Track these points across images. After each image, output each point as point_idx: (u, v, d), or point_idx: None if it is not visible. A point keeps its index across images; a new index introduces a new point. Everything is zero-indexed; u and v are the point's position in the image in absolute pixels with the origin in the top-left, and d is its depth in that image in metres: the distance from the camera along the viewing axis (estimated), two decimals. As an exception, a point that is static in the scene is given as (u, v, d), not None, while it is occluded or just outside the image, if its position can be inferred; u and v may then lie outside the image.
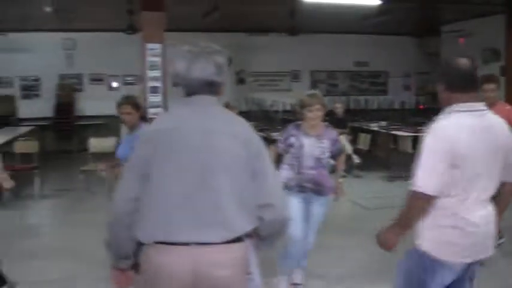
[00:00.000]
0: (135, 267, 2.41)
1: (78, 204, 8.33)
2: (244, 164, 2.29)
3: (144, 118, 5.02)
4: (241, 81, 15.24)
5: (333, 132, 4.69)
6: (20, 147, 9.17)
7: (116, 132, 10.20)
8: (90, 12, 11.34)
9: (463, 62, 2.67)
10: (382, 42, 15.36)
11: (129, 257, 2.38)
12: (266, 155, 2.41)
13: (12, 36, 12.77)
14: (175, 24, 8.77)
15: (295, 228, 4.39)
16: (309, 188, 4.58)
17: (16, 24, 12.06)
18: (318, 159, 4.54)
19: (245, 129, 2.40)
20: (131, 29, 11.54)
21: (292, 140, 4.57)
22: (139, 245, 2.33)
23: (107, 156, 9.08)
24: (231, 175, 2.28)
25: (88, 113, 13.95)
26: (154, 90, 8.24)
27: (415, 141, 9.37)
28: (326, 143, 4.56)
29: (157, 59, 8.32)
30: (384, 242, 2.77)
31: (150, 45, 8.29)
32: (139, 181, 2.28)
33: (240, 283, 2.35)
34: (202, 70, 2.33)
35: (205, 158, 2.25)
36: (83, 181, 8.71)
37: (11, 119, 13.40)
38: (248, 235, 2.33)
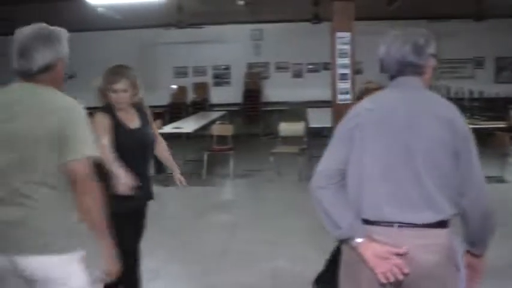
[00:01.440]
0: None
1: (268, 183, 8.99)
2: (447, 146, 2.21)
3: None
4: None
5: None
6: (217, 130, 10.03)
7: (301, 118, 10.80)
8: (277, 4, 12.00)
9: None
10: None
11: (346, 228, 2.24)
12: (472, 140, 2.25)
13: (207, 29, 13.84)
14: (361, 12, 9.03)
15: None
16: None
17: (211, 18, 13.13)
18: None
19: (450, 111, 2.28)
20: (316, 18, 12.05)
21: None
22: None
23: (295, 140, 9.75)
24: (434, 157, 2.21)
25: (273, 100, 14.75)
26: (343, 77, 8.58)
27: None
28: None
29: (347, 47, 8.65)
30: None
31: (339, 34, 8.64)
32: (343, 154, 2.30)
33: (448, 272, 2.23)
34: (398, 51, 2.32)
35: (408, 138, 2.22)
36: (273, 163, 9.34)
37: (204, 104, 14.72)
38: (450, 224, 2.24)
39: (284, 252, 5.38)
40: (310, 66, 14.78)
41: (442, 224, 2.21)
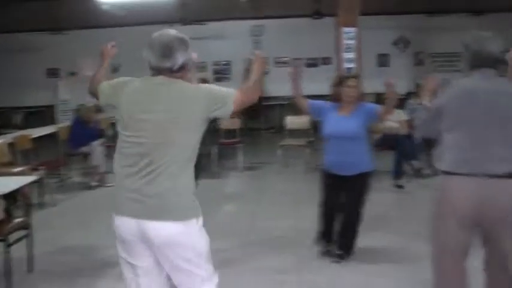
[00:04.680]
0: None
1: (275, 175, 9.22)
2: None
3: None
4: (420, 62, 15.41)
5: None
6: (225, 123, 10.23)
7: (300, 111, 11.00)
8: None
9: None
10: None
11: None
12: None
13: (209, 25, 14.04)
14: (362, 7, 9.29)
15: None
16: None
17: (214, 14, 13.34)
18: None
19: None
20: (318, 14, 12.31)
21: None
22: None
23: (302, 133, 9.98)
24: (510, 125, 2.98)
25: (273, 94, 14.94)
26: (349, 71, 8.86)
27: None
28: None
29: (352, 42, 8.94)
30: None
31: (345, 29, 8.93)
32: (437, 120, 3.16)
33: None
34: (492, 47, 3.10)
35: (491, 112, 2.99)
36: (281, 155, 9.58)
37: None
38: None
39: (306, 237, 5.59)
40: (311, 61, 15.02)
41: None
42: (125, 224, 2.68)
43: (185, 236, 2.68)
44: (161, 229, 2.63)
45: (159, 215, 2.63)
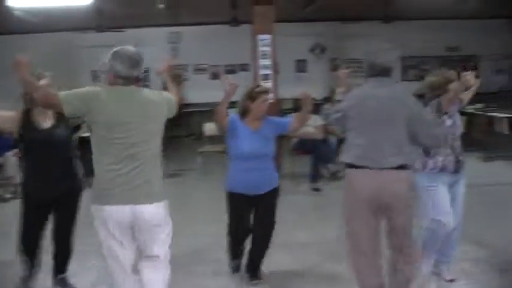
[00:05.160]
0: None
1: (195, 182, 9.31)
2: (401, 118, 3.67)
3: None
4: (335, 68, 15.81)
5: None
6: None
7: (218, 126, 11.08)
8: (196, 7, 12.27)
9: None
10: (474, 26, 15.50)
11: None
12: (421, 113, 3.82)
13: (127, 32, 13.89)
14: (278, 15, 9.47)
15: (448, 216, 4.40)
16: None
17: (131, 21, 13.21)
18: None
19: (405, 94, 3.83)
20: (235, 21, 12.44)
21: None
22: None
23: (220, 139, 10.03)
24: (396, 125, 3.66)
25: (192, 101, 14.94)
26: (265, 77, 9.02)
27: (512, 123, 9.72)
28: None
29: (268, 49, 9.09)
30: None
31: (261, 37, 9.08)
32: (343, 120, 3.90)
33: (408, 195, 3.75)
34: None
35: (381, 115, 3.69)
36: (201, 162, 9.59)
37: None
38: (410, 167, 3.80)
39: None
40: (229, 68, 15.14)
41: (404, 167, 3.69)
42: (119, 210, 3.32)
43: (165, 213, 3.49)
44: (150, 209, 3.37)
45: (148, 199, 3.36)
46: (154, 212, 3.39)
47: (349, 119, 3.82)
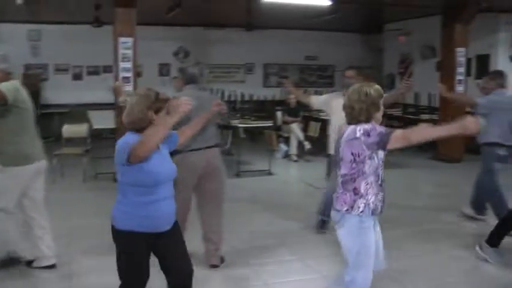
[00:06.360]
0: None
1: (50, 185, 9.02)
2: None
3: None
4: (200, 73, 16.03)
5: None
6: None
7: (82, 120, 10.97)
8: (57, 5, 11.98)
9: None
10: (330, 38, 16.55)
11: None
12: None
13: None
14: (141, 18, 9.53)
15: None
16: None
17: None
18: None
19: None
20: (98, 22, 12.31)
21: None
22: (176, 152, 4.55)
23: (80, 141, 9.93)
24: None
25: (53, 102, 14.53)
26: (126, 80, 9.05)
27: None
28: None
29: (129, 52, 9.14)
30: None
31: (122, 39, 9.10)
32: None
33: (222, 167, 5.27)
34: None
35: (201, 110, 4.40)
36: (56, 165, 9.32)
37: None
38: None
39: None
40: (91, 69, 14.90)
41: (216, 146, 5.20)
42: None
43: None
44: None
45: None
46: None
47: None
